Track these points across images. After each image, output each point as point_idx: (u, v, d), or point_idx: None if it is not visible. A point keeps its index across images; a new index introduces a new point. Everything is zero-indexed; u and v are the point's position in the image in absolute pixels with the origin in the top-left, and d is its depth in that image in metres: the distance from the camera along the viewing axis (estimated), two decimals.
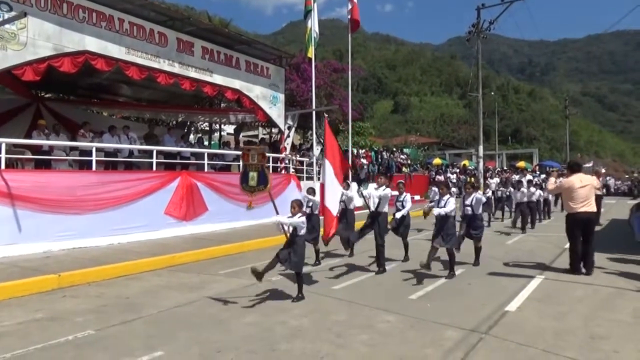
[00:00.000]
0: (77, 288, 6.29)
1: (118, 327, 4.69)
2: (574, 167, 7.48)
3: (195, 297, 5.83)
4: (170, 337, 4.38)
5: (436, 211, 6.81)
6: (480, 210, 7.72)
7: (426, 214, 7.41)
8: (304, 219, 5.70)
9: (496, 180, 20.62)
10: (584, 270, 7.07)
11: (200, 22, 12.78)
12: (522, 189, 12.90)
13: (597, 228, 13.52)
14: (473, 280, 6.78)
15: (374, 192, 7.43)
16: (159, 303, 5.59)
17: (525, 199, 12.68)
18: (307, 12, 16.05)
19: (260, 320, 4.90)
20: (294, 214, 5.63)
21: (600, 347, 4.14)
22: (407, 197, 8.11)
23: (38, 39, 8.67)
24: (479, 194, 7.81)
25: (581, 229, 7.05)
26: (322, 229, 7.18)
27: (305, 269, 6.23)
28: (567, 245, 7.51)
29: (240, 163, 6.48)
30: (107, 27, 9.95)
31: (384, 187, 7.41)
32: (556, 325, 4.72)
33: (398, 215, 7.74)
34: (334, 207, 6.61)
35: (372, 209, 7.32)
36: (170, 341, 4.29)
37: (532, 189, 13.48)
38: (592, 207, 7.05)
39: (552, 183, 7.95)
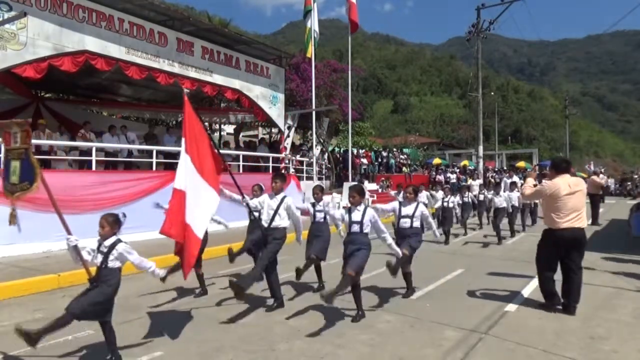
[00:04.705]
0: (77, 288, 6.24)
1: (117, 327, 4.66)
2: (561, 166, 5.34)
3: (194, 297, 5.83)
4: (170, 337, 4.38)
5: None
6: (420, 224, 5.94)
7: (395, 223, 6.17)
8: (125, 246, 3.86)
9: (479, 182, 18.97)
10: (561, 303, 5.24)
11: (200, 22, 12.78)
12: (502, 192, 11.21)
13: (597, 228, 13.57)
14: (473, 281, 6.78)
15: (268, 200, 5.49)
16: (158, 303, 5.59)
17: (504, 204, 11.01)
18: (307, 12, 16.07)
19: (260, 320, 4.90)
20: (105, 236, 3.90)
21: (600, 347, 4.14)
22: (329, 205, 6.30)
23: (38, 39, 8.67)
24: (423, 204, 6.14)
25: (564, 253, 5.19)
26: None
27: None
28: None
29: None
30: (107, 27, 9.95)
31: (282, 193, 5.49)
32: (556, 325, 4.73)
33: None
34: (199, 226, 4.51)
35: (265, 224, 5.39)
36: (170, 341, 4.29)
37: (515, 193, 11.59)
38: (582, 222, 5.13)
39: (529, 186, 5.62)
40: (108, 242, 3.84)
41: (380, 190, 21.66)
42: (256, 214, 5.68)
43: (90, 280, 3.84)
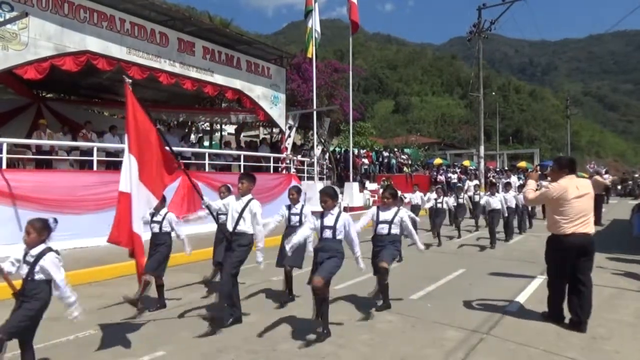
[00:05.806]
0: (78, 288, 6.25)
1: (119, 327, 4.69)
2: (568, 167, 4.77)
3: (196, 297, 5.83)
4: (172, 337, 4.39)
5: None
6: (398, 231, 5.33)
7: None
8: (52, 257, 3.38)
9: (475, 182, 18.48)
10: (568, 317, 4.75)
11: (201, 22, 12.81)
12: (496, 194, 10.54)
13: (599, 228, 13.50)
14: (474, 281, 6.77)
15: (233, 202, 4.88)
16: (159, 303, 5.58)
17: (498, 206, 10.35)
18: (308, 12, 16.08)
19: (261, 320, 4.89)
20: (31, 244, 3.44)
21: (602, 347, 4.13)
22: (305, 209, 5.69)
23: (39, 39, 8.69)
24: (403, 209, 5.44)
25: (573, 261, 4.69)
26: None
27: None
28: (545, 277, 5.21)
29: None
30: (109, 27, 9.97)
31: (249, 196, 4.84)
32: (557, 325, 4.71)
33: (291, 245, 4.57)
34: (141, 231, 4.34)
35: (230, 228, 4.81)
36: (172, 341, 4.29)
37: (510, 194, 11.13)
38: (590, 227, 4.66)
39: (531, 189, 5.13)
40: (35, 252, 3.33)
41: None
42: (223, 217, 5.16)
43: (15, 295, 3.38)
